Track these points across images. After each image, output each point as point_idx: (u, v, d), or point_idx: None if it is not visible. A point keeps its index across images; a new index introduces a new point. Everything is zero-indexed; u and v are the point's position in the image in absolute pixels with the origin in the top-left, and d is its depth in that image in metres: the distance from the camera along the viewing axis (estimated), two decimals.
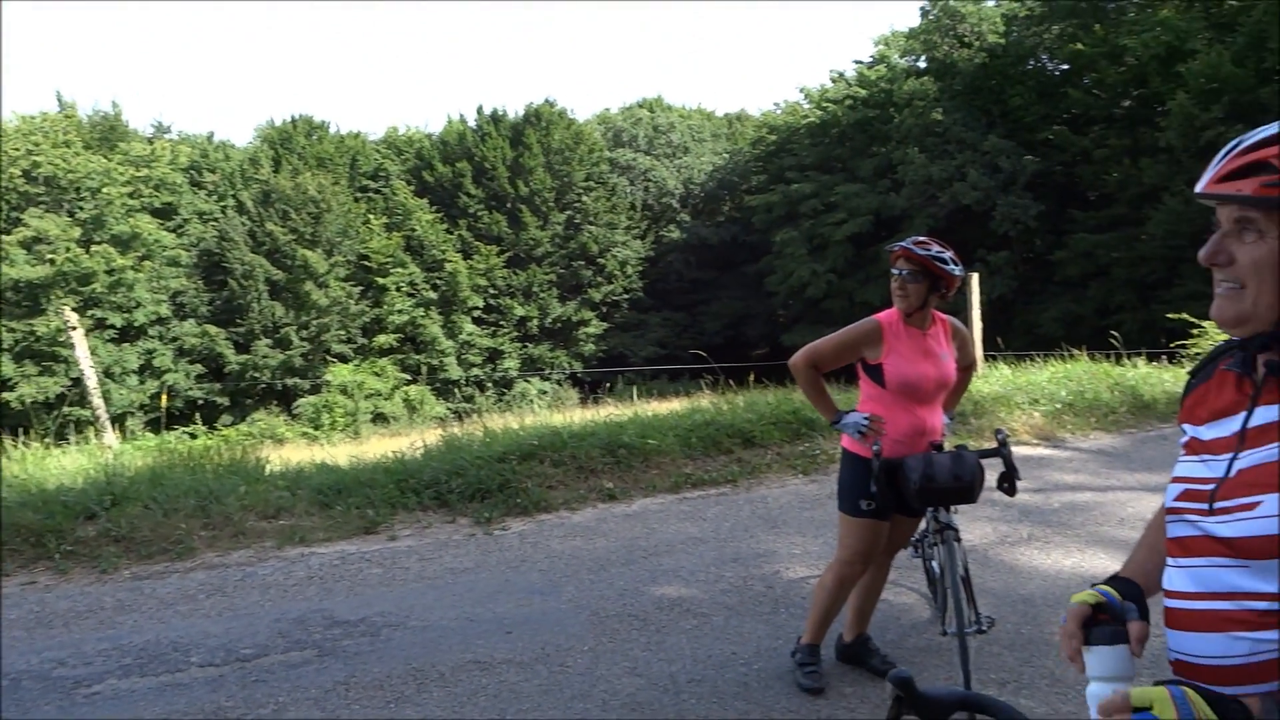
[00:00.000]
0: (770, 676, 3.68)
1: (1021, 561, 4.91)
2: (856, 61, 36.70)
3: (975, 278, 9.12)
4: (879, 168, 32.66)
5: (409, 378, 33.23)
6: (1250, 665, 1.23)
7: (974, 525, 5.35)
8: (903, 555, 4.01)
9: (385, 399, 31.47)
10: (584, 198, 37.46)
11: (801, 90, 37.81)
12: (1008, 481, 3.45)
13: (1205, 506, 1.29)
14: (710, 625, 4.16)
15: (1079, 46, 30.41)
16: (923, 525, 3.82)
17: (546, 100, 38.42)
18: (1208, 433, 1.35)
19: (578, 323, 36.68)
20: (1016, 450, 7.08)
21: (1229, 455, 1.29)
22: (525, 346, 36.27)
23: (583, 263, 37.08)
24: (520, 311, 35.70)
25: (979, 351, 9.03)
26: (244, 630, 4.14)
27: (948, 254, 3.51)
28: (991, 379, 8.65)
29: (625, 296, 37.98)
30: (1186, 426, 1.41)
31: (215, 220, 33.32)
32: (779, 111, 40.74)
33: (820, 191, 33.22)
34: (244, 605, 4.47)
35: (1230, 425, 1.31)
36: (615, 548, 5.22)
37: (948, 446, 3.60)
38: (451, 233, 35.43)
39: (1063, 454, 7.26)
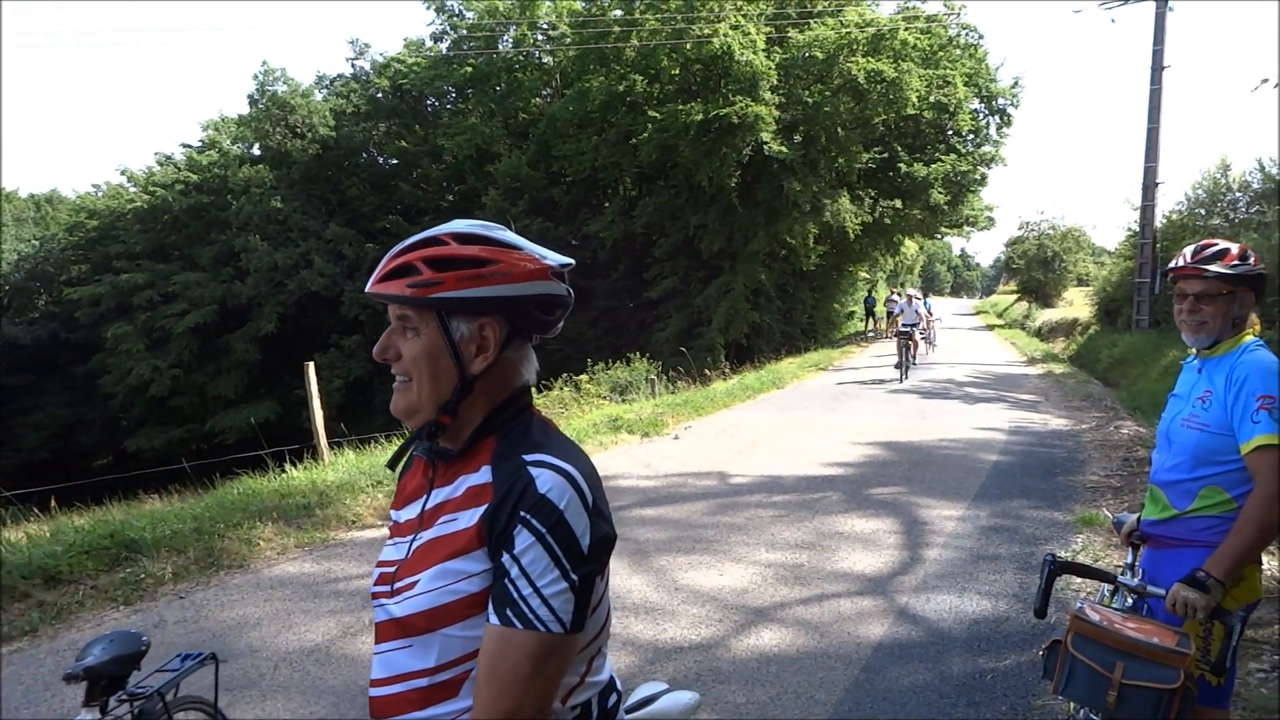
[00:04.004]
0: None
1: (364, 651, 4.91)
2: (185, 145, 34.81)
3: (311, 366, 9.08)
4: (220, 255, 31.24)
5: None
6: None
7: (317, 621, 5.22)
8: None
9: None
10: None
11: (124, 172, 34.57)
12: None
13: (389, 589, 1.34)
14: None
15: (404, 144, 32.90)
16: None
17: None
18: (403, 516, 1.42)
19: None
20: (360, 535, 7.18)
21: (411, 536, 1.36)
22: None
23: None
24: None
25: (323, 440, 8.98)
26: None
27: None
28: (337, 466, 8.69)
29: None
30: (393, 512, 1.47)
31: None
32: (99, 195, 36.67)
33: (156, 281, 30.59)
34: None
35: (416, 508, 1.38)
36: None
37: None
38: None
39: None
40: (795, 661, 4.42)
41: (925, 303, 28.19)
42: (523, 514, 1.23)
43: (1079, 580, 5.25)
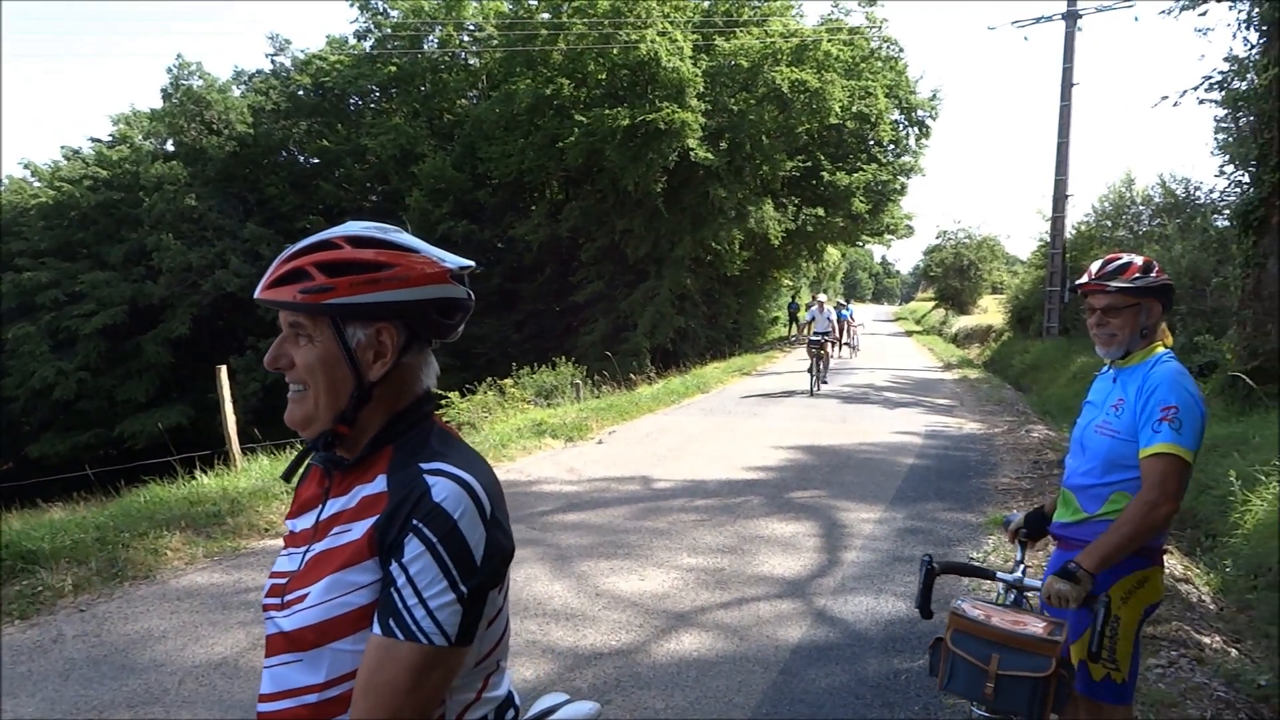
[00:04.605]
0: None
1: None
2: (94, 140, 33.54)
3: (223, 369, 8.82)
4: (131, 254, 30.18)
5: None
6: None
7: (225, 633, 5.06)
8: None
9: None
10: None
11: (27, 166, 33.13)
12: None
13: (279, 601, 1.30)
14: None
15: (325, 143, 32.25)
16: None
17: None
18: (298, 526, 1.37)
19: None
20: (273, 543, 7.00)
21: (305, 547, 1.31)
22: None
23: None
24: None
25: (235, 446, 8.73)
26: None
27: None
28: (250, 472, 8.45)
29: None
30: (288, 522, 1.42)
31: None
32: (1, 189, 35.07)
33: (62, 280, 29.36)
34: None
35: (311, 518, 1.34)
36: None
37: None
38: None
39: None
40: (714, 665, 4.45)
41: (847, 309, 28.83)
42: (415, 522, 1.19)
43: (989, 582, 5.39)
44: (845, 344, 27.74)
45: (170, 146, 33.72)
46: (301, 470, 1.48)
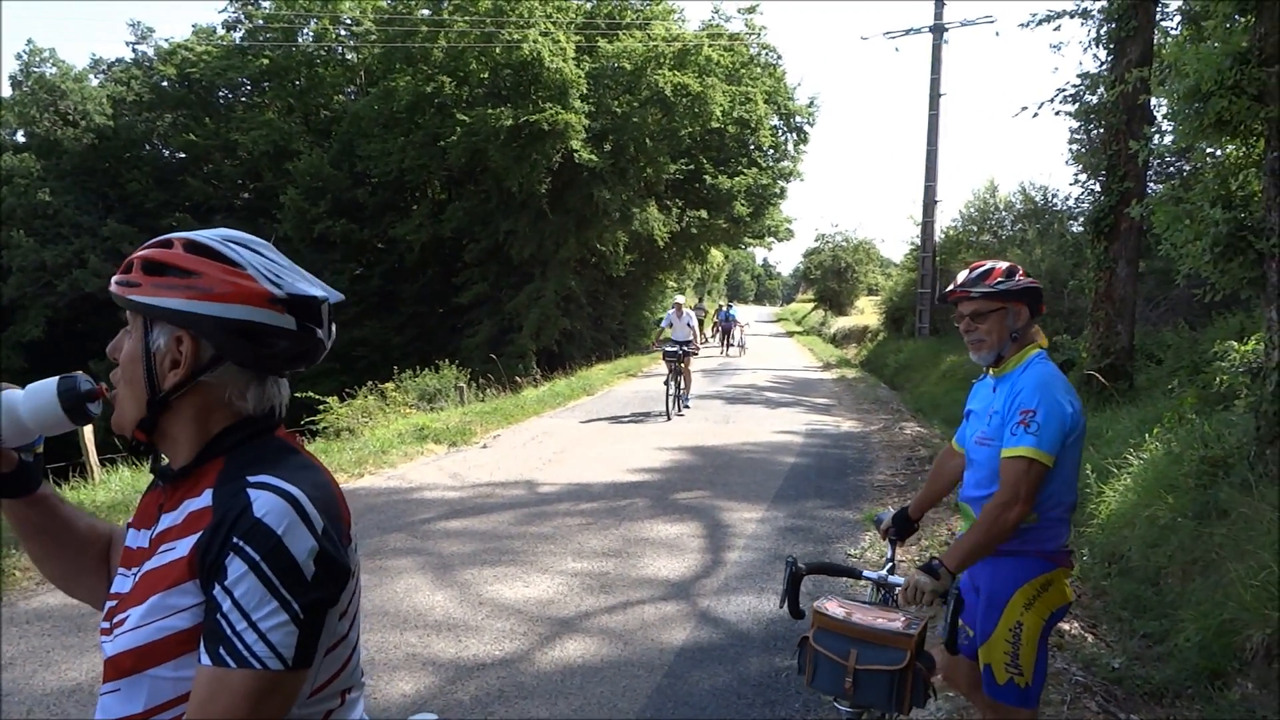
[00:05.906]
0: None
1: None
2: None
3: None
4: None
5: None
6: None
7: (80, 658, 4.75)
8: None
9: None
10: None
11: None
12: None
13: (108, 626, 1.21)
14: None
15: (193, 137, 30.84)
16: None
17: None
18: (135, 543, 1.28)
19: None
20: None
21: (138, 567, 1.23)
22: None
23: None
24: None
25: (93, 457, 8.25)
26: None
27: None
28: (110, 485, 7.99)
29: None
30: (131, 532, 1.31)
31: None
32: None
33: None
34: None
35: (148, 535, 1.26)
36: None
37: None
38: None
39: None
40: (599, 671, 4.43)
41: (730, 310, 29.37)
42: (235, 540, 1.11)
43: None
44: (732, 344, 28.51)
45: (21, 138, 31.67)
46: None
